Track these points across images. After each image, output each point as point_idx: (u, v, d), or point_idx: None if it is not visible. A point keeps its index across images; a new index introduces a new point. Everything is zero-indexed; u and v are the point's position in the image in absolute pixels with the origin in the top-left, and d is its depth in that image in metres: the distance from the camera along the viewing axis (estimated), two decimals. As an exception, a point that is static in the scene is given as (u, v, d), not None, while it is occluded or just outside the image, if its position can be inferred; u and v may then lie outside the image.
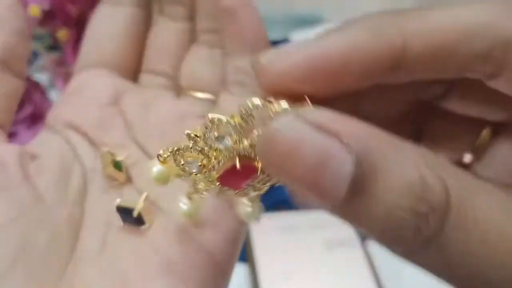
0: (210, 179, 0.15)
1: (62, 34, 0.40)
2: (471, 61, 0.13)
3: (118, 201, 0.17)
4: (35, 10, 0.39)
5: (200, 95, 0.21)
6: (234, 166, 0.15)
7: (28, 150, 0.19)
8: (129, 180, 0.19)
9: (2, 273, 0.15)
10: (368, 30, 0.13)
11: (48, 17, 0.39)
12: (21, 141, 0.36)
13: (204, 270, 0.16)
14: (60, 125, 0.20)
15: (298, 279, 0.36)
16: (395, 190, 0.11)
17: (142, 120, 0.20)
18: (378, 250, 0.40)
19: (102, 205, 0.18)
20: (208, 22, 0.21)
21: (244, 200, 0.15)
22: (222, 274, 0.17)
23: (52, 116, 0.20)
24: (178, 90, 0.22)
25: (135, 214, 0.17)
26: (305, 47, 0.13)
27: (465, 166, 0.15)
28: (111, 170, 0.19)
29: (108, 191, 0.18)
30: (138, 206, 0.17)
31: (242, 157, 0.15)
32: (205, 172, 0.15)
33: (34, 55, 0.43)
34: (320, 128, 0.11)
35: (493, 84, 0.13)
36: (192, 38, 0.22)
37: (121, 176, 0.19)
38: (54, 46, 0.41)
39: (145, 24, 0.22)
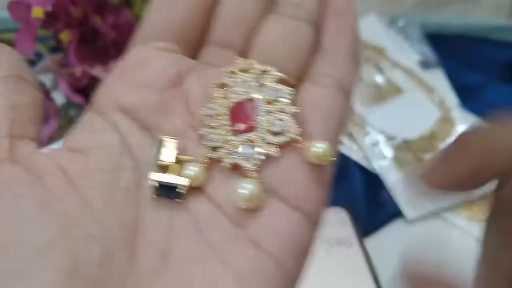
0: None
1: (65, 35, 0.40)
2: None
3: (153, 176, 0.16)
4: (38, 12, 0.39)
5: (273, 70, 0.18)
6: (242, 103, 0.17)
7: (70, 145, 0.17)
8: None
9: None
10: None
11: (51, 18, 0.40)
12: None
13: (274, 280, 0.15)
14: (108, 107, 0.17)
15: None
16: None
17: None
18: (376, 249, 0.40)
19: (159, 203, 0.16)
20: None
21: (241, 182, 0.16)
22: (291, 285, 0.15)
23: (101, 94, 0.18)
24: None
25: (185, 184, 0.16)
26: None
27: None
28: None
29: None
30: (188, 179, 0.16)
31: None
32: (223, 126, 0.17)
33: (38, 56, 0.43)
34: None
35: None
36: (269, 9, 0.19)
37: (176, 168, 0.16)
38: (57, 47, 0.42)
39: None
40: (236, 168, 0.16)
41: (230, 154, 0.16)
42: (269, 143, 0.16)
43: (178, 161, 0.16)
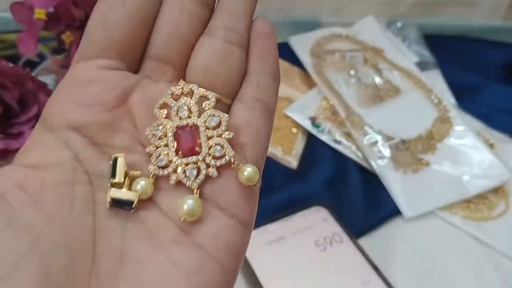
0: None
1: (67, 36, 0.40)
2: None
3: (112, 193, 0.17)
4: (40, 13, 0.39)
5: (211, 95, 0.19)
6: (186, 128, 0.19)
7: (24, 161, 0.18)
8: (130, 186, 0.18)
9: None
10: None
11: (53, 20, 0.40)
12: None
13: (216, 278, 0.17)
14: (58, 124, 0.18)
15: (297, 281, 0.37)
16: None
17: (150, 122, 0.19)
18: (374, 247, 0.40)
19: (113, 212, 0.17)
20: (227, 20, 0.20)
21: (184, 198, 0.17)
22: (230, 281, 0.18)
23: (50, 111, 0.18)
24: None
25: (135, 200, 0.17)
26: None
27: None
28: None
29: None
30: (137, 194, 0.17)
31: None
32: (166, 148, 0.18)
33: (40, 57, 0.44)
34: None
35: None
36: (203, 28, 0.20)
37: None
38: (59, 48, 0.42)
39: (156, 10, 0.20)
40: (180, 183, 0.18)
41: (175, 172, 0.18)
42: (209, 165, 0.18)
43: (129, 177, 0.18)
